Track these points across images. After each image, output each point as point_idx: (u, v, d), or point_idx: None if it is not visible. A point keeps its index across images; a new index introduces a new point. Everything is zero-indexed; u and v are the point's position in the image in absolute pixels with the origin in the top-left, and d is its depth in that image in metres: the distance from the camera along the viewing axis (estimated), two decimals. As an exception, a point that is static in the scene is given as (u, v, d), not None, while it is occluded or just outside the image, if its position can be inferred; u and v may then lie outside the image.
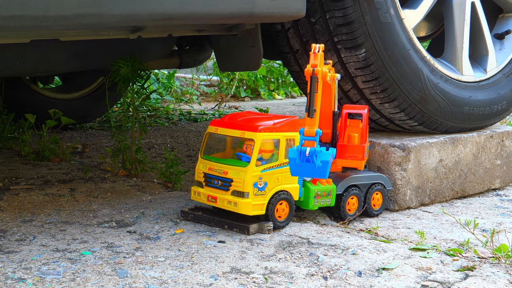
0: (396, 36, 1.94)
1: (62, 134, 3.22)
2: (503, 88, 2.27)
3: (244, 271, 1.44)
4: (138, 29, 1.77)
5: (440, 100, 2.05)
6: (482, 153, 2.16)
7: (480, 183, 2.17)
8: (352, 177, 1.82)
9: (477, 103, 2.16)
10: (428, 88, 2.01)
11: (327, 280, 1.40)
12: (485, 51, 2.26)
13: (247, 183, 1.66)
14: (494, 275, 1.43)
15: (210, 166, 1.74)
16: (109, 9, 1.45)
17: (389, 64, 1.94)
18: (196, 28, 1.92)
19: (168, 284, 1.36)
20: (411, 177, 1.96)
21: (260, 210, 1.68)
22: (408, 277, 1.42)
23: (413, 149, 1.95)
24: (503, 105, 2.25)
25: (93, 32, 1.79)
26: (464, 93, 2.13)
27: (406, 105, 2.00)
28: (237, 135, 1.71)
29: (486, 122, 2.22)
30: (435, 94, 2.04)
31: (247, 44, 2.05)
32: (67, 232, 1.69)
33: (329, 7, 1.89)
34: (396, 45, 1.94)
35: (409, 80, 1.98)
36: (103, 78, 3.33)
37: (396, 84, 1.96)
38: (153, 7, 1.50)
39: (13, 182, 2.22)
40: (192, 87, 4.83)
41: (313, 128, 1.57)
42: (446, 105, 2.06)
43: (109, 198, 2.03)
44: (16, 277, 1.38)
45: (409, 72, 1.97)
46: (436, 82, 2.04)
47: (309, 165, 1.54)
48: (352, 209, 1.83)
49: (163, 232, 1.69)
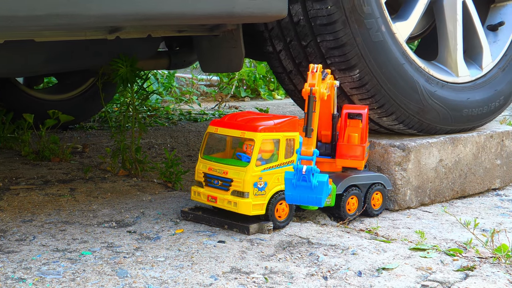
0: (390, 53, 1.92)
1: (62, 134, 3.22)
2: (499, 84, 2.25)
3: (244, 271, 1.44)
4: (116, 29, 1.74)
5: (438, 108, 2.04)
6: (482, 153, 2.16)
7: (480, 183, 2.17)
8: (352, 177, 1.82)
9: (475, 104, 2.16)
10: (425, 98, 2.00)
11: (327, 280, 1.40)
12: (479, 48, 2.24)
13: (247, 183, 1.66)
14: (494, 275, 1.43)
15: (210, 166, 1.74)
16: (84, 9, 1.42)
17: (384, 81, 1.92)
18: (176, 28, 1.90)
19: (168, 284, 1.36)
20: (411, 177, 1.96)
21: (260, 210, 1.68)
22: (408, 277, 1.42)
23: (413, 149, 1.95)
24: (501, 101, 2.24)
25: (68, 32, 1.76)
26: (461, 95, 2.12)
27: (404, 117, 2.00)
28: (237, 135, 1.71)
29: (485, 120, 2.22)
30: (433, 103, 2.02)
31: (229, 45, 2.02)
32: (67, 232, 1.69)
33: (320, 31, 1.87)
34: (390, 61, 1.93)
35: (405, 94, 1.96)
36: (93, 78, 3.31)
37: (393, 100, 1.95)
38: (129, 7, 1.47)
39: (13, 182, 2.22)
40: (192, 87, 4.83)
41: (311, 148, 1.56)
42: (444, 112, 2.06)
43: (109, 198, 2.03)
44: (16, 277, 1.38)
45: (405, 86, 1.96)
46: (433, 91, 2.03)
47: (305, 185, 1.54)
48: (352, 209, 1.83)
49: (163, 232, 1.69)
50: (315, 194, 1.55)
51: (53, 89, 3.39)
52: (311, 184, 1.54)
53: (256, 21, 1.77)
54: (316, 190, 1.55)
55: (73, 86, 3.34)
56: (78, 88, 3.33)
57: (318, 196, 1.55)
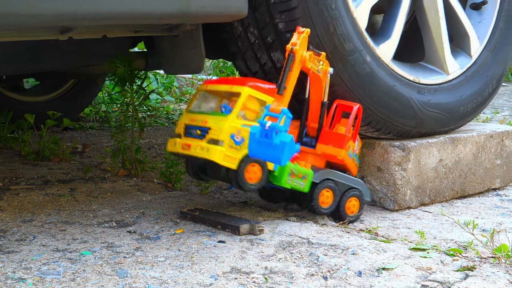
0: (378, 80, 1.89)
1: (62, 134, 3.23)
2: (490, 68, 2.20)
3: (244, 271, 1.44)
4: (67, 29, 1.68)
5: (435, 116, 2.03)
6: (482, 153, 2.16)
7: (480, 183, 2.17)
8: (332, 171, 1.79)
9: (470, 98, 2.13)
10: (421, 111, 1.99)
11: (327, 280, 1.40)
12: (465, 35, 2.18)
13: (225, 131, 1.61)
14: (494, 275, 1.43)
15: (192, 117, 1.71)
16: (27, 8, 1.37)
17: (377, 108, 1.90)
18: (131, 28, 1.84)
19: (168, 284, 1.36)
20: (411, 177, 1.96)
21: (231, 163, 1.62)
22: (408, 277, 1.42)
23: (413, 149, 1.95)
24: (493, 86, 2.20)
25: (16, 33, 1.70)
26: (456, 94, 2.10)
27: (403, 132, 1.99)
28: (226, 89, 1.68)
29: (480, 110, 2.19)
30: (429, 113, 2.01)
31: (189, 46, 1.96)
32: (67, 232, 1.69)
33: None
34: (380, 88, 1.90)
35: (400, 114, 1.95)
36: (74, 80, 3.29)
37: (389, 122, 1.94)
38: (78, 6, 1.43)
39: (13, 182, 2.22)
40: (192, 87, 4.83)
41: (280, 105, 1.55)
42: (442, 116, 2.05)
43: (109, 198, 2.03)
44: (16, 277, 1.38)
45: (399, 106, 1.94)
46: (427, 100, 2.01)
47: (267, 142, 1.50)
48: (326, 203, 1.78)
49: (163, 232, 1.69)
50: (276, 153, 1.51)
51: (33, 91, 3.36)
52: (272, 142, 1.50)
53: (214, 20, 1.71)
54: (277, 149, 1.51)
55: (53, 87, 3.29)
56: (58, 89, 3.30)
57: (278, 155, 1.51)
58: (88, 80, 3.36)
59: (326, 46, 1.79)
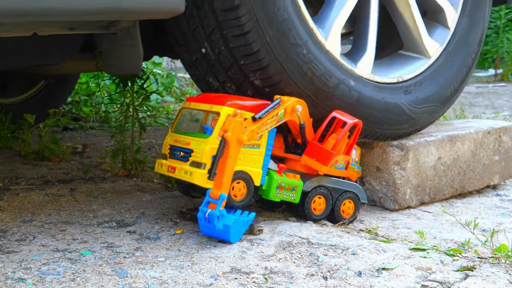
0: (367, 99, 1.87)
1: (62, 134, 3.23)
2: (469, 35, 2.10)
3: (244, 271, 1.44)
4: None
5: (427, 110, 2.01)
6: (480, 150, 2.16)
7: (479, 180, 2.17)
8: (323, 178, 1.79)
9: (456, 74, 2.08)
10: (413, 112, 1.98)
11: (327, 280, 1.40)
12: (438, 7, 2.10)
13: (206, 153, 1.61)
14: (494, 275, 1.43)
15: (176, 138, 1.71)
16: None
17: (374, 126, 1.90)
18: (64, 26, 1.75)
19: (168, 284, 1.36)
20: (410, 176, 1.96)
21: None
22: (408, 277, 1.42)
23: (411, 148, 1.95)
24: (476, 50, 2.13)
25: None
26: (440, 79, 2.04)
27: (399, 135, 1.99)
28: (206, 108, 1.68)
29: (466, 80, 2.14)
30: (420, 110, 1.99)
31: (127, 44, 1.87)
32: (67, 232, 1.69)
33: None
34: (372, 106, 1.88)
35: (396, 123, 1.94)
36: (44, 81, 3.26)
37: (388, 131, 1.94)
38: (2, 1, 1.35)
39: (13, 182, 2.22)
40: (192, 87, 4.83)
41: (218, 191, 1.55)
42: (433, 107, 2.03)
43: (109, 198, 2.03)
44: (16, 277, 1.38)
45: (394, 117, 1.93)
46: (415, 98, 1.98)
47: (211, 227, 1.56)
48: (318, 209, 1.79)
49: (163, 232, 1.69)
50: (223, 235, 1.57)
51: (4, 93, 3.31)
52: (215, 227, 1.55)
53: (149, 17, 1.64)
54: (222, 232, 1.56)
55: (21, 89, 3.24)
56: (28, 91, 3.25)
57: (225, 237, 1.57)
58: (59, 82, 3.31)
59: (308, 90, 1.76)
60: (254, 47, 1.69)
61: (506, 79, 6.42)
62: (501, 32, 6.77)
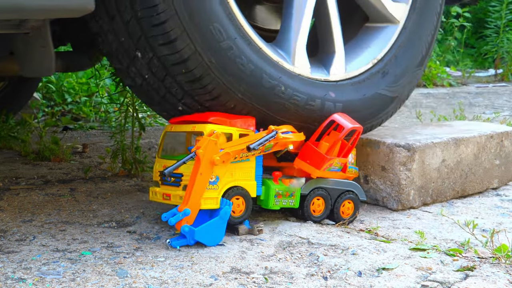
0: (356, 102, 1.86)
1: (62, 134, 3.23)
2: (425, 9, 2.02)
3: (244, 271, 1.44)
4: None
5: (407, 81, 1.97)
6: (482, 153, 2.16)
7: (479, 183, 2.17)
8: (320, 179, 1.79)
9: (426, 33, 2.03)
10: (395, 91, 1.96)
11: (327, 280, 1.40)
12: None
13: None
14: (494, 275, 1.43)
15: (165, 163, 1.68)
16: None
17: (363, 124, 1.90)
18: None
19: (168, 284, 1.36)
20: (415, 177, 1.96)
21: (214, 204, 1.61)
22: (408, 277, 1.42)
23: (417, 149, 1.95)
24: (438, 10, 2.06)
25: None
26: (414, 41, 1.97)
27: (388, 117, 1.99)
28: (189, 129, 1.66)
29: (433, 45, 2.10)
30: (401, 84, 1.97)
31: (39, 44, 1.77)
32: (67, 232, 1.69)
33: None
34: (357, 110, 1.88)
35: (383, 109, 1.95)
36: (3, 83, 3.21)
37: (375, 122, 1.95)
38: None
39: (13, 182, 2.22)
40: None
41: (184, 206, 1.55)
42: (412, 75, 1.98)
43: (109, 198, 2.03)
44: (16, 277, 1.38)
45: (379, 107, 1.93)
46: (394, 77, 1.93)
47: (184, 240, 1.57)
48: (317, 211, 1.79)
49: (163, 232, 1.69)
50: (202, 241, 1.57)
51: None
52: (188, 241, 1.56)
53: (57, 16, 1.53)
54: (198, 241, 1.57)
55: None
56: None
57: (205, 242, 1.57)
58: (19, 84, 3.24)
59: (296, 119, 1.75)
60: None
61: (506, 79, 6.42)
62: (501, 32, 6.77)
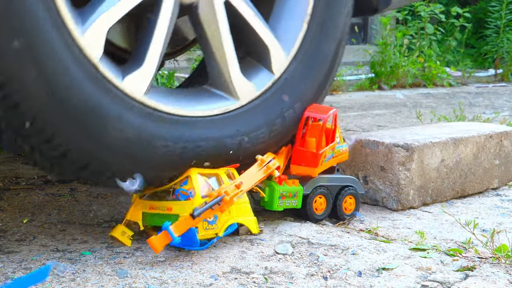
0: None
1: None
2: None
3: (244, 271, 1.44)
4: None
5: None
6: (482, 153, 2.16)
7: (479, 183, 2.17)
8: (320, 178, 1.79)
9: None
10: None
11: (327, 280, 1.40)
12: None
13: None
14: (494, 275, 1.43)
15: (151, 205, 1.59)
16: None
17: None
18: None
19: (168, 284, 1.36)
20: (414, 177, 1.96)
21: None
22: (408, 277, 1.42)
23: (416, 149, 1.95)
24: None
25: None
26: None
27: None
28: None
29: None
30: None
31: None
32: (67, 232, 1.69)
33: None
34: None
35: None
36: None
37: None
38: None
39: (13, 182, 2.22)
40: (192, 87, 4.83)
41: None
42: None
43: (109, 198, 2.03)
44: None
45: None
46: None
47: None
48: (320, 209, 1.79)
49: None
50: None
51: None
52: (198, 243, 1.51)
53: None
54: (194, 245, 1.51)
55: None
56: None
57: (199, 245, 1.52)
58: None
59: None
60: None
61: (506, 79, 6.42)
62: (501, 32, 6.76)
